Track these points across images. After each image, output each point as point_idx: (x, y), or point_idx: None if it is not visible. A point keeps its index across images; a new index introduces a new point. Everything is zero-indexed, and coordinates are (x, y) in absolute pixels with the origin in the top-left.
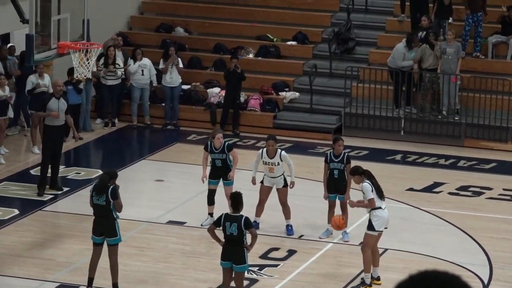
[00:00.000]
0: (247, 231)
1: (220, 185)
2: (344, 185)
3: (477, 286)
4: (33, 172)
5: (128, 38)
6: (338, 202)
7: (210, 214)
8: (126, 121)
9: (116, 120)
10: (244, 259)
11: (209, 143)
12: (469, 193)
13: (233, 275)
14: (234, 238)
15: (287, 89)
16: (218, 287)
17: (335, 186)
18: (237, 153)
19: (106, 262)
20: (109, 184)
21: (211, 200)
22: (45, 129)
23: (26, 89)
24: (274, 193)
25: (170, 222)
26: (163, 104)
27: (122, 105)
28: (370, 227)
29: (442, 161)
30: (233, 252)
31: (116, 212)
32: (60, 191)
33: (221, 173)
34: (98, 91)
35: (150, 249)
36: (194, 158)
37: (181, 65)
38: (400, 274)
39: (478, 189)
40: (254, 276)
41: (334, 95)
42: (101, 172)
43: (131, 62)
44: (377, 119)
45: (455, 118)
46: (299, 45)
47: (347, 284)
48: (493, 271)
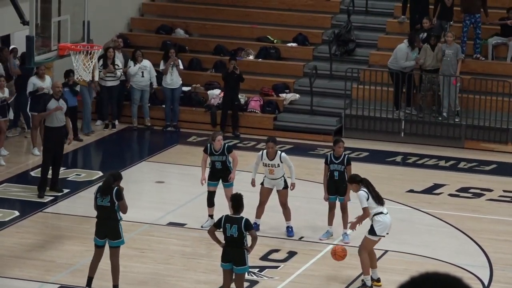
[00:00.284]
0: (248, 233)
1: (220, 186)
2: (345, 186)
3: None
4: (34, 173)
5: (128, 39)
6: (338, 204)
7: (210, 216)
8: (126, 123)
9: (117, 121)
10: (245, 261)
11: (209, 146)
12: (469, 195)
13: (234, 277)
14: (234, 240)
15: (287, 90)
16: None
17: (335, 188)
18: (237, 154)
19: (107, 264)
20: (114, 185)
21: (211, 202)
22: (45, 131)
23: (28, 91)
24: (274, 194)
25: (171, 224)
26: (164, 106)
27: (122, 107)
28: (372, 231)
29: (442, 163)
30: (234, 254)
31: (120, 213)
32: (60, 193)
33: (220, 175)
34: (97, 93)
35: (150, 250)
36: (194, 160)
37: (181, 67)
38: (400, 275)
39: (478, 191)
40: (255, 277)
41: (335, 97)
42: (101, 173)
43: (131, 63)
44: (377, 120)
45: (455, 119)
46: (300, 47)
47: (347, 285)
48: (494, 273)
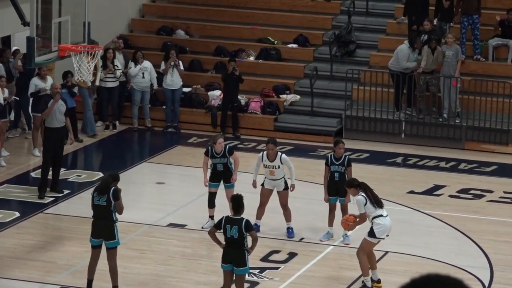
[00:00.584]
0: (248, 234)
1: (221, 187)
2: (345, 187)
3: None
4: (34, 174)
5: (129, 40)
6: (338, 205)
7: (211, 217)
8: (126, 124)
9: (117, 122)
10: (245, 262)
11: (210, 148)
12: (470, 196)
13: (234, 278)
14: (235, 241)
15: (287, 91)
16: None
17: (336, 189)
18: (238, 156)
19: (106, 265)
20: (111, 185)
21: (211, 203)
22: (45, 131)
23: (29, 92)
24: (275, 195)
25: (171, 225)
26: (164, 107)
27: (123, 108)
28: (371, 233)
29: (442, 164)
30: (234, 255)
31: (116, 214)
32: (60, 194)
33: (222, 177)
34: (97, 94)
35: (150, 251)
36: (195, 161)
37: (182, 68)
38: (400, 277)
39: (478, 192)
40: (255, 278)
41: (335, 98)
42: (102, 174)
43: (132, 64)
44: (377, 121)
45: (456, 121)
46: (300, 48)
47: (348, 286)
48: (494, 274)
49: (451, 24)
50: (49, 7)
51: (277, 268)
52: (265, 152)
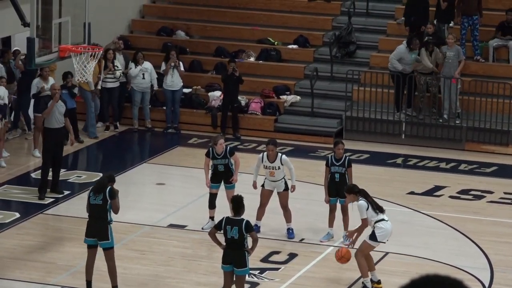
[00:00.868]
0: (248, 235)
1: (221, 188)
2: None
3: None
4: (34, 175)
5: (129, 41)
6: (339, 206)
7: (211, 217)
8: (127, 125)
9: (118, 123)
10: (245, 263)
11: (211, 150)
12: (470, 197)
13: (234, 279)
14: (235, 242)
15: (288, 92)
16: None
17: (336, 190)
18: (239, 157)
19: (105, 265)
20: (107, 185)
21: (212, 204)
22: (44, 132)
23: (32, 93)
24: (275, 196)
25: (171, 226)
26: (164, 108)
27: (123, 109)
28: (373, 237)
29: (443, 165)
30: (234, 256)
31: (111, 214)
32: (61, 195)
33: (223, 177)
34: (99, 93)
35: (151, 252)
36: (195, 162)
37: (182, 68)
38: (401, 277)
39: (479, 193)
40: (255, 279)
41: (335, 99)
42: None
43: (132, 65)
44: (378, 122)
45: (456, 121)
46: (300, 49)
47: (348, 287)
48: (494, 275)
49: (451, 25)
50: (49, 8)
51: (277, 269)
52: (265, 153)
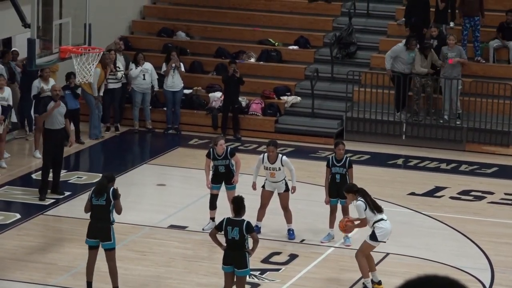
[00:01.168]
0: (249, 236)
1: (222, 189)
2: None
3: None
4: (35, 176)
5: (129, 42)
6: (339, 207)
7: (212, 218)
8: (127, 126)
9: (118, 125)
10: (246, 264)
11: (212, 150)
12: (471, 198)
13: (235, 280)
14: (235, 243)
15: (288, 93)
16: None
17: (337, 191)
18: (240, 158)
19: (106, 266)
20: (108, 186)
21: (213, 205)
22: (45, 133)
23: (32, 94)
24: (276, 197)
25: (172, 227)
26: (165, 109)
27: (124, 110)
28: (373, 237)
29: (443, 166)
30: (235, 257)
31: (113, 215)
32: (61, 196)
33: (224, 178)
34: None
35: (151, 253)
36: (195, 163)
37: (182, 69)
38: (401, 278)
39: (479, 194)
40: (256, 280)
41: (336, 100)
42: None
43: (132, 66)
44: (378, 123)
45: (457, 122)
46: (301, 50)
47: None
48: (495, 275)
49: (451, 25)
50: (49, 9)
51: (278, 269)
52: (265, 154)
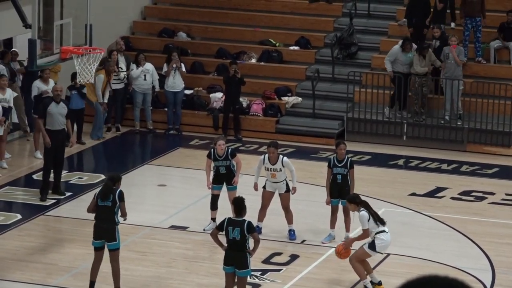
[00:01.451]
0: (250, 236)
1: (223, 190)
2: (347, 190)
3: None
4: (36, 177)
5: (130, 43)
6: (340, 207)
7: (213, 219)
8: (128, 126)
9: (120, 126)
10: (247, 264)
11: (212, 151)
12: (472, 198)
13: (236, 280)
14: (236, 243)
15: (289, 94)
16: None
17: (338, 191)
18: (240, 158)
19: (108, 267)
20: (115, 187)
21: (214, 205)
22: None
23: (32, 95)
24: (277, 198)
25: (173, 227)
26: (166, 109)
27: (125, 110)
28: (372, 246)
29: (444, 166)
30: (236, 257)
31: (118, 216)
32: (62, 196)
33: (225, 179)
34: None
35: (152, 253)
36: (196, 163)
37: (184, 70)
38: (402, 279)
39: (480, 194)
40: (257, 281)
41: (337, 100)
42: (103, 177)
43: (133, 67)
44: (379, 124)
45: (458, 123)
46: (302, 50)
47: None
48: (496, 276)
49: (452, 26)
50: (50, 10)
51: (278, 270)
52: (266, 155)
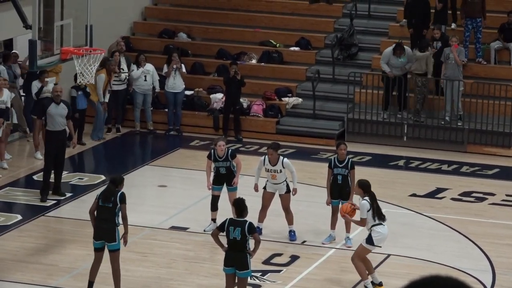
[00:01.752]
0: (251, 236)
1: (224, 190)
2: (348, 190)
3: None
4: (36, 177)
5: (131, 43)
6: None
7: (213, 219)
8: (129, 127)
9: (120, 126)
10: (247, 265)
11: (213, 152)
12: (472, 199)
13: (236, 281)
14: (237, 243)
15: (290, 94)
16: None
17: (339, 192)
18: (240, 159)
19: (108, 268)
20: (117, 189)
21: (214, 206)
22: (46, 134)
23: (33, 93)
24: (277, 198)
25: (173, 228)
26: (166, 110)
27: (125, 111)
28: (369, 240)
29: (445, 167)
30: (236, 258)
31: (118, 218)
32: (63, 197)
33: (225, 180)
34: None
35: (153, 254)
36: (197, 164)
37: (184, 71)
38: (402, 279)
39: (481, 195)
40: (257, 281)
41: (337, 101)
42: (104, 177)
43: (134, 67)
44: (379, 124)
45: (458, 123)
46: (302, 51)
47: None
48: (496, 277)
49: (452, 27)
50: (51, 10)
51: (279, 271)
52: (267, 156)
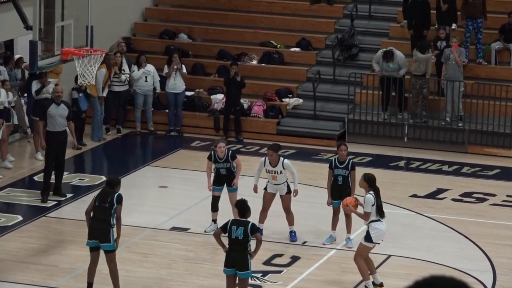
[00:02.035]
0: (253, 236)
1: (224, 191)
2: (348, 191)
3: None
4: (37, 178)
5: (131, 44)
6: (341, 208)
7: (214, 220)
8: (129, 128)
9: (121, 127)
10: (248, 266)
11: (213, 153)
12: (473, 200)
13: (237, 282)
14: (238, 242)
15: (290, 95)
16: None
17: (339, 192)
18: (241, 160)
19: (107, 268)
20: (113, 190)
21: (215, 207)
22: (46, 135)
23: (33, 91)
24: (278, 199)
25: (174, 229)
26: (167, 111)
27: (126, 112)
28: (368, 238)
29: (445, 168)
30: (237, 259)
31: (114, 219)
32: (63, 197)
33: (225, 180)
34: (104, 98)
35: (153, 255)
36: (197, 164)
37: (184, 71)
38: (403, 280)
39: (481, 196)
40: (258, 282)
41: (338, 102)
42: (104, 178)
43: (135, 68)
44: (380, 125)
45: (459, 124)
46: (303, 52)
47: None
48: (497, 277)
49: (453, 27)
50: (51, 11)
51: (279, 271)
52: (267, 157)
